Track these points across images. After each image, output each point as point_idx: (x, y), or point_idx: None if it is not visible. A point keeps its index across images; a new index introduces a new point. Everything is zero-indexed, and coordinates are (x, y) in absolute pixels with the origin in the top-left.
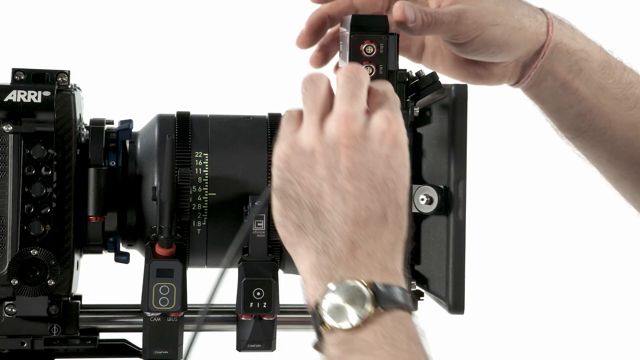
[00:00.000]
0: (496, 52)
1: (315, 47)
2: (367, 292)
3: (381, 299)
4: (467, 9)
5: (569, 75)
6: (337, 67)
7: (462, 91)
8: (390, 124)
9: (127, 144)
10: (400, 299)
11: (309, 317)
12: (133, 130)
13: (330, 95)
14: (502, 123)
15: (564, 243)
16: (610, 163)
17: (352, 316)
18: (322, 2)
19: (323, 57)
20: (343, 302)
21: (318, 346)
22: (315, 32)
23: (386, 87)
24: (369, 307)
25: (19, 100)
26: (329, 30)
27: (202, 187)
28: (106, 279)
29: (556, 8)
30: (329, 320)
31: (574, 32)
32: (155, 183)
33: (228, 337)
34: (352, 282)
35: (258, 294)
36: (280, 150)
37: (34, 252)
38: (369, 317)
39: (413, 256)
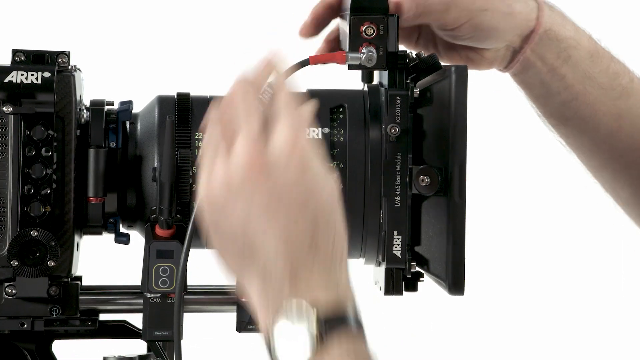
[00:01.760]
0: (485, 38)
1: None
2: (313, 327)
3: (326, 329)
4: None
5: (557, 62)
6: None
7: (462, 72)
8: (294, 146)
9: (127, 125)
10: (348, 319)
11: None
12: (133, 111)
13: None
14: (503, 106)
15: (564, 228)
16: (592, 152)
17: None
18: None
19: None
20: (290, 337)
21: None
22: (320, 23)
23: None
24: (315, 344)
25: (19, 81)
26: (333, 22)
27: None
28: (106, 260)
29: None
30: (280, 356)
31: (564, 19)
32: (156, 164)
33: (228, 318)
34: (298, 320)
35: None
36: (201, 187)
37: (34, 233)
38: (317, 353)
39: (413, 237)
